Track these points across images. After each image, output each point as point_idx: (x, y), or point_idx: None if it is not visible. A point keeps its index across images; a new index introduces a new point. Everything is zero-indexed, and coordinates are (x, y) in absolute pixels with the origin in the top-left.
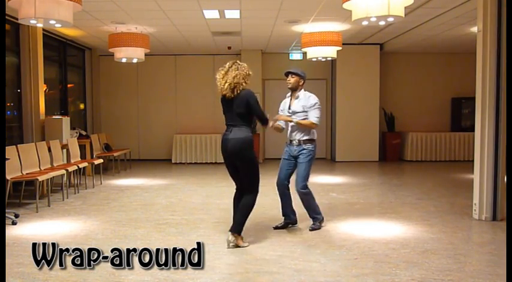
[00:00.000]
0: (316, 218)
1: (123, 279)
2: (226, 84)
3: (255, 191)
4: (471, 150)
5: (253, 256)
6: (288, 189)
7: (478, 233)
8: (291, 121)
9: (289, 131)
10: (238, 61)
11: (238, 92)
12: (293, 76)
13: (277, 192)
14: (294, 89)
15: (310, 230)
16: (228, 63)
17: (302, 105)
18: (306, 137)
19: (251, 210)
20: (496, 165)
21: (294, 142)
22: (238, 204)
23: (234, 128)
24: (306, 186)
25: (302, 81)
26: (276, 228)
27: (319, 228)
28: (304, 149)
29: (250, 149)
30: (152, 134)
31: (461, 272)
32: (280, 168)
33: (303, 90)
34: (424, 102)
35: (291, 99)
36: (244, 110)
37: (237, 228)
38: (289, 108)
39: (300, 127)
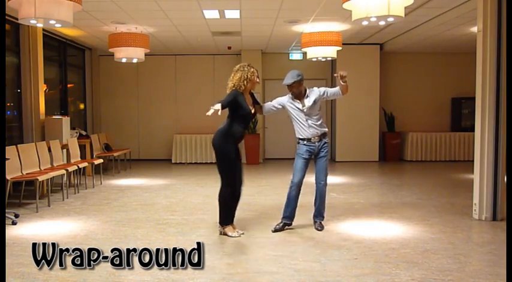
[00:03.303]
0: (323, 217)
1: (123, 279)
2: (229, 85)
3: (225, 185)
4: (471, 150)
5: (253, 256)
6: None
7: (478, 233)
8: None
9: (304, 129)
10: (249, 65)
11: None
12: (294, 85)
13: (292, 193)
14: (300, 93)
15: (320, 230)
16: (237, 66)
17: (313, 100)
18: (324, 131)
19: (225, 203)
20: (496, 165)
21: (314, 139)
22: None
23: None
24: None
25: (302, 83)
26: (276, 231)
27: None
28: (326, 142)
29: (222, 140)
30: (152, 134)
31: (461, 272)
32: (300, 168)
33: (306, 88)
34: (424, 102)
35: (300, 100)
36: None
37: (219, 220)
38: (302, 108)
39: (344, 89)
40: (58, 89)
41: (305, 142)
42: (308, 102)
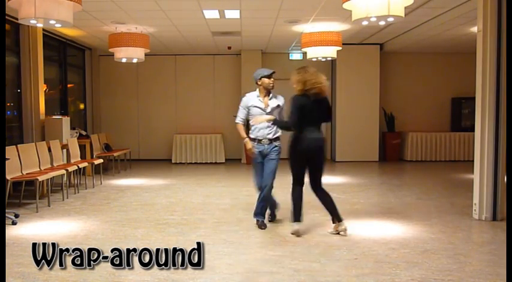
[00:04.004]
0: (264, 216)
1: (123, 279)
2: (325, 83)
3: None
4: (471, 150)
5: (253, 256)
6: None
7: (478, 233)
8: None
9: (257, 129)
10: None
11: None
12: (272, 76)
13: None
14: (269, 91)
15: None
16: (311, 67)
17: (277, 104)
18: (277, 136)
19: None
20: (496, 165)
21: (264, 141)
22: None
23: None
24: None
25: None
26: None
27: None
28: (276, 146)
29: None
30: (152, 134)
31: (461, 272)
32: (260, 173)
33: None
34: (424, 102)
35: (264, 100)
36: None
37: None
38: (264, 108)
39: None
40: (58, 89)
41: (255, 143)
42: (272, 103)
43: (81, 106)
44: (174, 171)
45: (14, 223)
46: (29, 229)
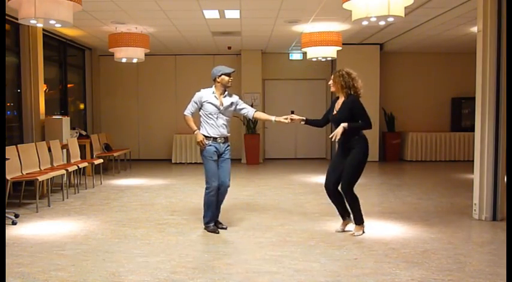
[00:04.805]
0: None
1: (123, 279)
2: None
3: (353, 186)
4: (471, 150)
5: (253, 256)
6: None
7: (478, 233)
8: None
9: (213, 127)
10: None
11: None
12: (232, 74)
13: (212, 198)
14: (225, 89)
15: (226, 228)
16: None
17: (231, 102)
18: (228, 135)
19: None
20: (496, 165)
21: (220, 139)
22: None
23: None
24: None
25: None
26: (211, 231)
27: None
28: (229, 145)
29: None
30: (152, 134)
31: (461, 272)
32: (215, 171)
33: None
34: (424, 102)
35: (219, 98)
36: None
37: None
38: (218, 105)
39: (260, 117)
40: (58, 89)
41: (211, 141)
42: (226, 101)
43: (81, 106)
44: (174, 171)
45: (14, 223)
46: (29, 229)
